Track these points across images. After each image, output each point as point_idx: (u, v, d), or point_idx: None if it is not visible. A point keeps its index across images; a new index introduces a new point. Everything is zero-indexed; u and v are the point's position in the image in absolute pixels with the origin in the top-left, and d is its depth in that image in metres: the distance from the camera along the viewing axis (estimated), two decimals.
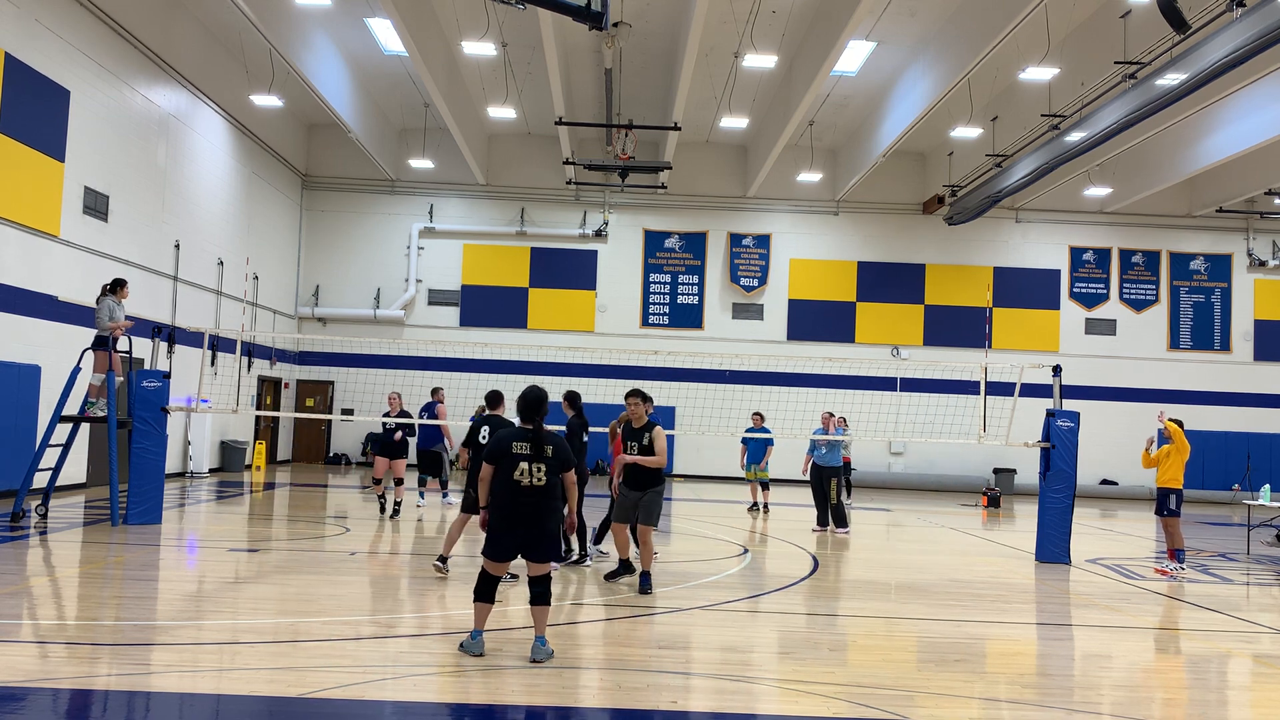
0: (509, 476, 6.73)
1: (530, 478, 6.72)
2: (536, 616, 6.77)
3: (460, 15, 19.45)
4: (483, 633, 6.78)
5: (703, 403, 25.01)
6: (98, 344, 13.01)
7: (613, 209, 28.16)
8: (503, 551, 6.78)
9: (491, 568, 6.82)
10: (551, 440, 6.86)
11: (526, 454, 6.75)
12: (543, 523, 6.75)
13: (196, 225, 21.29)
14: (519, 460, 6.74)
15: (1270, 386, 28.40)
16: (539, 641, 6.69)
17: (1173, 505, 12.38)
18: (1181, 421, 12.63)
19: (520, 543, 6.74)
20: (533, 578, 6.79)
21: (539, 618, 6.77)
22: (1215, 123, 21.91)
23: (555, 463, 6.82)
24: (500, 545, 6.77)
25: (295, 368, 27.62)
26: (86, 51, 16.62)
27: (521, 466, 6.72)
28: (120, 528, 12.42)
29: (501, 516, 6.76)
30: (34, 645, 6.87)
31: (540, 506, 6.75)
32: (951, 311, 28.21)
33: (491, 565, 6.82)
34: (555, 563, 6.91)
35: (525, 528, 6.72)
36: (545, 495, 6.77)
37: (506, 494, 6.74)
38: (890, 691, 6.35)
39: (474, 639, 6.73)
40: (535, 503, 6.73)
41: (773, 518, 17.32)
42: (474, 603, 6.80)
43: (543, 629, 6.77)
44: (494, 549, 6.79)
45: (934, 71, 19.20)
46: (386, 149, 26.74)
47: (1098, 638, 8.63)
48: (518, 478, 6.71)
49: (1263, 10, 13.46)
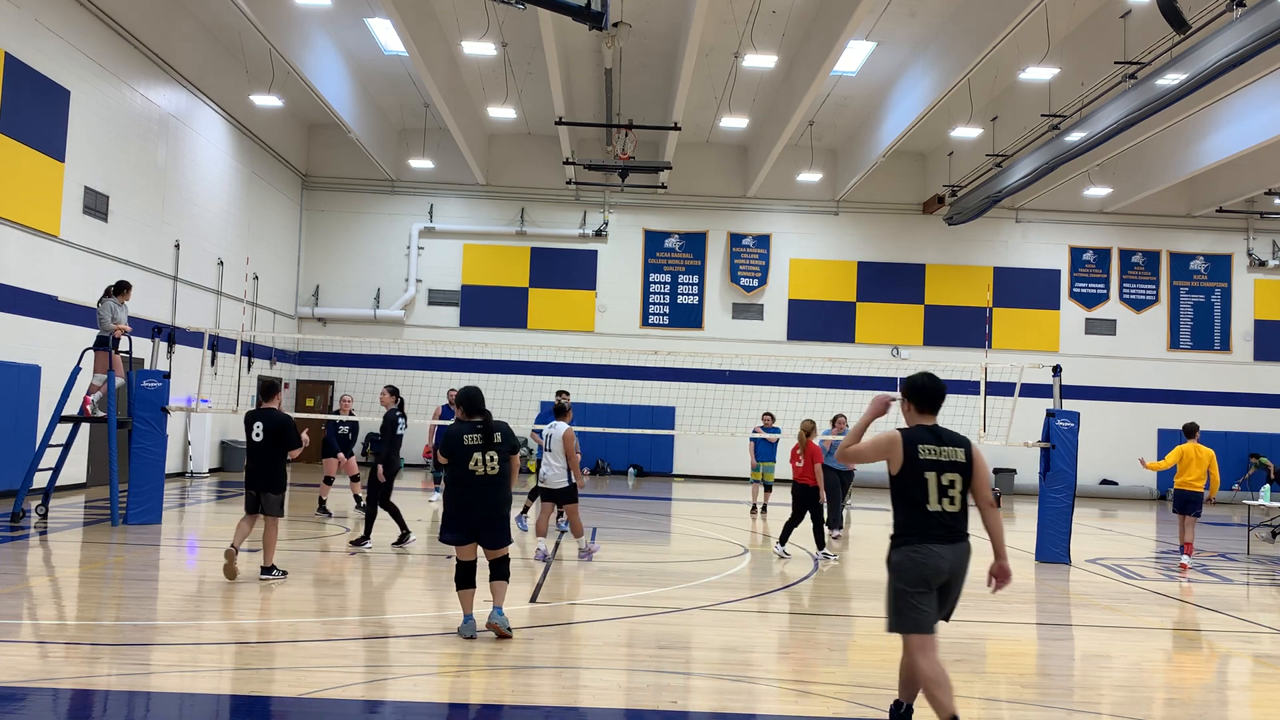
0: (464, 468, 7.21)
1: (484, 467, 7.20)
2: (495, 590, 7.30)
3: (460, 15, 19.45)
4: (472, 616, 7.19)
5: (703, 403, 25.00)
6: (99, 344, 13.02)
7: (613, 209, 28.16)
8: (459, 537, 7.23)
9: (461, 554, 7.28)
10: (498, 427, 7.37)
11: (479, 444, 7.23)
12: (497, 510, 7.26)
13: (196, 225, 21.29)
14: (472, 451, 7.22)
15: (1270, 386, 28.39)
16: (497, 610, 7.18)
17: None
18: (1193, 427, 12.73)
19: (474, 530, 7.21)
20: (492, 561, 7.33)
21: (497, 591, 7.29)
22: (1215, 123, 21.90)
23: (505, 448, 7.32)
24: (456, 532, 7.22)
25: (295, 368, 27.61)
26: (86, 51, 16.61)
27: (475, 457, 7.21)
28: (120, 528, 12.42)
29: (458, 504, 7.22)
30: (34, 645, 6.87)
31: (495, 495, 7.24)
32: (951, 311, 28.21)
33: (460, 551, 7.28)
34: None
35: (480, 516, 7.19)
36: (499, 484, 7.25)
37: (463, 484, 7.20)
38: (890, 691, 6.34)
39: (465, 623, 7.16)
40: (490, 492, 7.22)
41: (773, 518, 17.30)
42: (457, 591, 7.25)
43: (501, 600, 7.25)
44: (451, 535, 7.24)
45: (934, 71, 19.20)
46: (386, 149, 26.74)
47: (1098, 638, 8.63)
48: (472, 468, 7.20)
49: (1263, 10, 13.45)
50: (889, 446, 5.08)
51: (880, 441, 5.11)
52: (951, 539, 5.05)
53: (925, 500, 5.02)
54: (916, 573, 5.00)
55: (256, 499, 9.27)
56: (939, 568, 5.01)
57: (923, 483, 5.03)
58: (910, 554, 5.03)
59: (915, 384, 5.29)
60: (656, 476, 27.34)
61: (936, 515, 5.02)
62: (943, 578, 5.04)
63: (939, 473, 5.04)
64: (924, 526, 5.02)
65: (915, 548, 5.02)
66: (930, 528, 5.02)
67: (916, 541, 5.02)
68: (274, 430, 9.27)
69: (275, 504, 9.28)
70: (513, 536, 7.69)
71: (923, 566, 5.00)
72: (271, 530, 9.31)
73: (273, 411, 9.39)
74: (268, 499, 9.24)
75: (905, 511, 5.10)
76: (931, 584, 5.02)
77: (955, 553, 5.06)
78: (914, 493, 5.04)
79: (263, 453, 9.28)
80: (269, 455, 9.28)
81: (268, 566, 9.25)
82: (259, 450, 9.29)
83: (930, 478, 5.03)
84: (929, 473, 5.03)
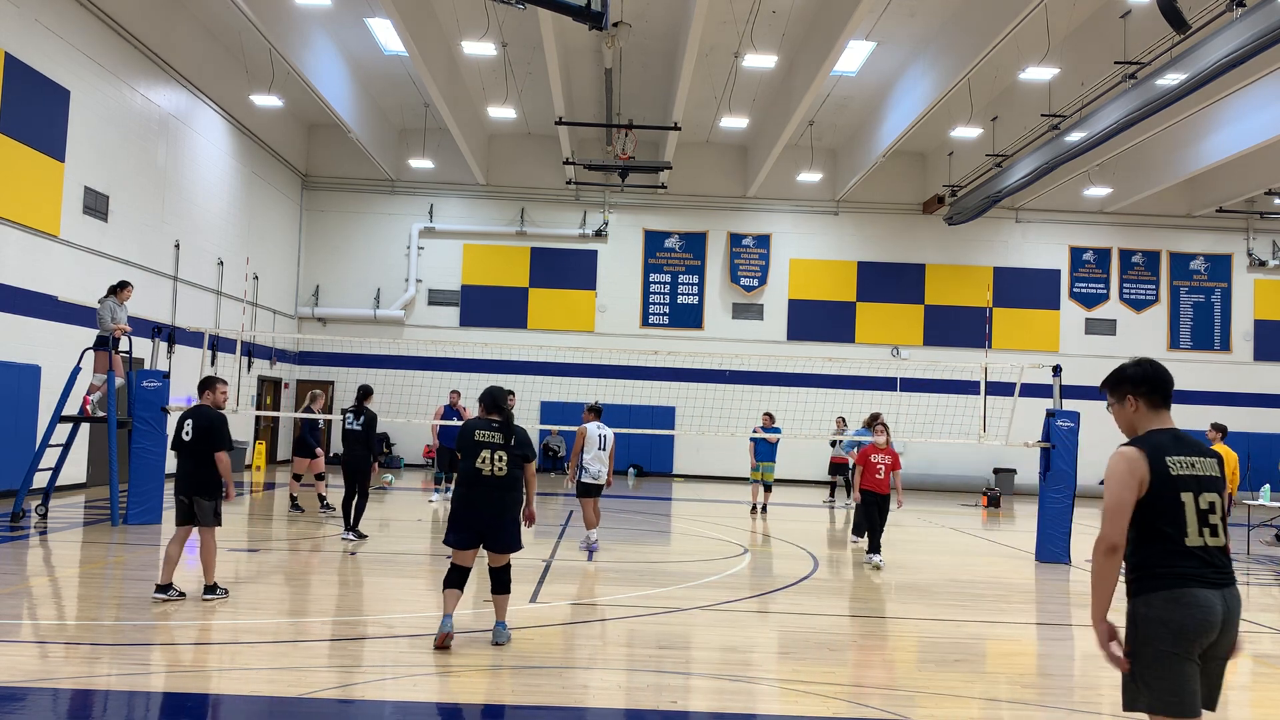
0: (472, 465, 6.96)
1: (492, 466, 6.94)
2: (497, 604, 7.12)
3: (460, 15, 19.45)
4: (451, 617, 6.93)
5: (703, 403, 25.00)
6: (98, 344, 13.03)
7: (613, 209, 28.15)
8: (463, 540, 6.99)
9: (458, 558, 7.05)
10: (515, 431, 7.10)
11: (490, 442, 6.98)
12: (504, 513, 6.99)
13: (196, 225, 21.29)
14: (482, 448, 6.96)
15: (1270, 386, 28.38)
16: (499, 626, 7.04)
17: None
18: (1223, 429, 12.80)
19: (480, 533, 6.98)
20: (493, 568, 7.11)
21: (500, 605, 7.11)
22: (1215, 123, 21.90)
23: (518, 453, 7.05)
24: (461, 534, 6.99)
25: (295, 368, 27.61)
26: (86, 51, 16.61)
27: (484, 455, 6.95)
28: (120, 528, 12.42)
29: (464, 504, 6.99)
30: (34, 645, 6.87)
31: (501, 497, 6.98)
32: (951, 311, 28.20)
33: (458, 556, 7.05)
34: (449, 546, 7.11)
35: (487, 518, 6.95)
36: (506, 487, 7.00)
37: (469, 483, 6.98)
38: (890, 691, 6.34)
39: (444, 622, 6.90)
40: (496, 493, 6.96)
41: (773, 518, 17.31)
42: (444, 590, 7.03)
43: (503, 615, 7.11)
44: (455, 537, 7.00)
45: (934, 71, 19.20)
46: (386, 149, 26.73)
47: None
48: (479, 466, 6.94)
49: (1263, 10, 13.45)
50: (1133, 467, 3.72)
51: (1121, 470, 3.74)
52: (1221, 582, 3.71)
53: (1182, 532, 3.69)
54: (1179, 627, 3.64)
55: (189, 506, 8.23)
56: (1208, 621, 3.64)
57: (1178, 508, 3.70)
58: (1169, 601, 3.66)
59: (1145, 372, 3.91)
60: (656, 476, 27.34)
61: (1199, 552, 3.69)
62: (1211, 635, 3.66)
63: (1196, 493, 3.71)
64: (1182, 566, 3.68)
65: (1174, 593, 3.66)
66: (1191, 567, 3.68)
67: (1175, 585, 3.68)
68: (203, 429, 8.22)
69: (208, 512, 8.24)
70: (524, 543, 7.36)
71: (1187, 619, 3.62)
72: (209, 543, 8.23)
73: (204, 409, 8.34)
74: (200, 506, 8.21)
75: (1151, 548, 3.75)
76: (1196, 644, 3.65)
77: (1227, 601, 3.69)
78: (1164, 523, 3.70)
79: (192, 453, 8.23)
80: (198, 456, 8.22)
81: (210, 585, 8.21)
82: (187, 449, 8.24)
83: (1187, 500, 3.70)
84: (1185, 494, 3.70)
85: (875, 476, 11.72)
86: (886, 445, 11.92)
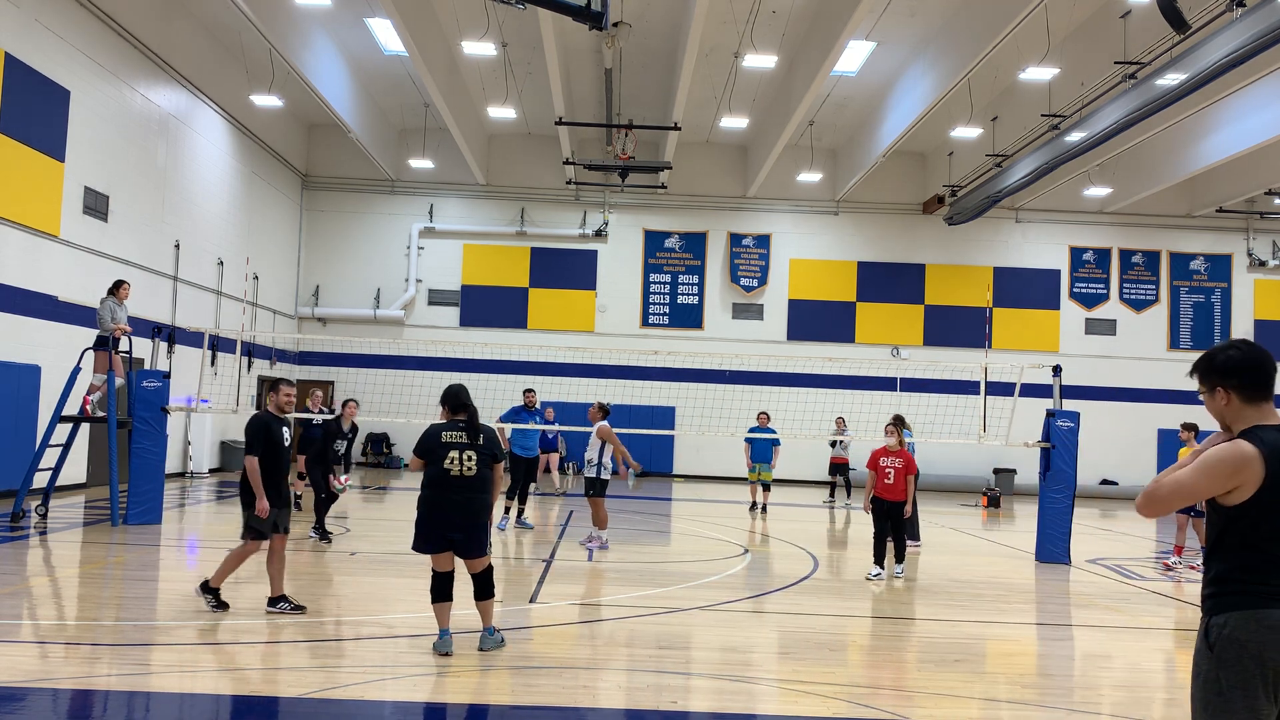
0: (440, 467, 6.75)
1: (461, 466, 6.73)
2: (482, 611, 6.93)
3: (460, 15, 19.45)
4: (449, 631, 6.80)
5: (703, 403, 24.99)
6: (98, 344, 13.03)
7: (613, 209, 28.15)
8: (431, 544, 6.76)
9: (437, 563, 6.81)
10: (482, 429, 6.92)
11: (458, 442, 6.77)
12: (473, 517, 6.77)
13: (196, 225, 21.29)
14: (450, 449, 6.75)
15: None
16: (488, 632, 6.86)
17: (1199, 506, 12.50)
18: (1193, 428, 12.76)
19: (449, 538, 6.74)
20: (473, 575, 6.90)
21: (484, 611, 6.92)
22: (1215, 123, 21.90)
23: (487, 452, 6.86)
24: (428, 538, 6.76)
25: (295, 368, 27.61)
26: (86, 51, 16.61)
27: (453, 455, 6.74)
28: (120, 528, 12.42)
29: (430, 508, 6.76)
30: (34, 645, 6.87)
31: (471, 499, 6.75)
32: (951, 311, 28.21)
33: (436, 561, 6.81)
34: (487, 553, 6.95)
35: (456, 520, 6.71)
36: (476, 488, 6.77)
37: (436, 485, 6.75)
38: (890, 691, 6.35)
39: (441, 638, 6.75)
40: (466, 494, 6.73)
41: (772, 518, 17.32)
42: (433, 605, 6.82)
43: (490, 620, 6.92)
44: (422, 541, 6.79)
45: (934, 71, 19.20)
46: (386, 149, 26.74)
47: (1098, 638, 8.63)
48: (448, 467, 6.73)
49: (1263, 10, 13.46)
50: (1240, 466, 3.10)
51: (1225, 461, 3.12)
52: None
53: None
54: (1258, 650, 3.06)
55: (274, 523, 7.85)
56: None
57: None
58: (1252, 621, 3.08)
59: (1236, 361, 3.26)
60: (656, 476, 27.33)
61: None
62: None
63: None
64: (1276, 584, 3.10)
65: (1261, 613, 3.08)
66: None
67: (1264, 604, 3.09)
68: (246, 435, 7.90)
69: (244, 523, 7.86)
70: (492, 543, 7.16)
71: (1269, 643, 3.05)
72: (239, 552, 7.85)
73: (255, 415, 8.00)
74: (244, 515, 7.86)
75: (1240, 558, 3.16)
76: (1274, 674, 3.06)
77: None
78: (1263, 534, 3.11)
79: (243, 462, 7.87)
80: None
81: (209, 585, 7.84)
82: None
83: None
84: None
85: (885, 481, 10.85)
86: (899, 447, 10.96)
